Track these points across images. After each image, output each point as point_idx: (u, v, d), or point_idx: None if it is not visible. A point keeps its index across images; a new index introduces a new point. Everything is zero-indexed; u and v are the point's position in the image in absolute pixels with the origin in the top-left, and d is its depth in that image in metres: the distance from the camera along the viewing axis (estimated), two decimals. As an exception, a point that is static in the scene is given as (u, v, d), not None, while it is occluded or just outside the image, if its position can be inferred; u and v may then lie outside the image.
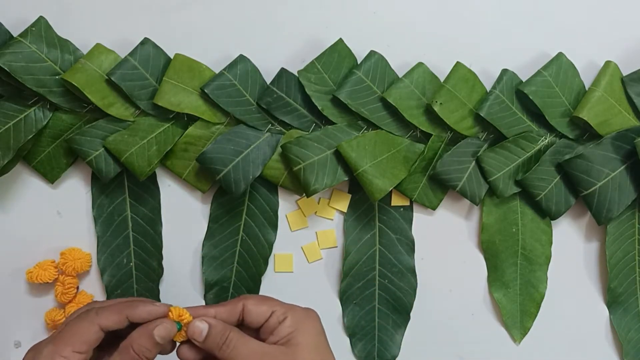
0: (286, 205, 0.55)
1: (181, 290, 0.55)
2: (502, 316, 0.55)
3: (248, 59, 0.53)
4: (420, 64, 0.53)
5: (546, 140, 0.53)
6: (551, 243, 0.55)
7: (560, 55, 0.53)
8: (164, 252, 0.55)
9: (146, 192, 0.54)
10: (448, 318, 0.56)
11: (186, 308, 0.43)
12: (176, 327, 0.42)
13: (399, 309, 0.55)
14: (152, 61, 0.52)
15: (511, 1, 0.54)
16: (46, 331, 0.55)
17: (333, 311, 0.55)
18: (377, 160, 0.51)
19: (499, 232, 0.54)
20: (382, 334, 0.55)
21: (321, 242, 0.55)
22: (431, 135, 0.53)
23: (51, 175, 0.54)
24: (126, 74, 0.51)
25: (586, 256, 0.56)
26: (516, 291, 0.55)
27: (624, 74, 0.53)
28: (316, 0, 0.54)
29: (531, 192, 0.53)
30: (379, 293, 0.55)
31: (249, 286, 0.55)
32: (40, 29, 0.51)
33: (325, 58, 0.52)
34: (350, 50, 0.53)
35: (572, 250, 0.56)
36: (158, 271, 0.55)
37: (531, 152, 0.53)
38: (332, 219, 0.55)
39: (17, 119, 0.52)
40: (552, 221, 0.55)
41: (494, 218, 0.54)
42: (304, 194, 0.53)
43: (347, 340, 0.55)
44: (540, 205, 0.53)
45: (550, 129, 0.53)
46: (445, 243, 0.55)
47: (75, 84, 0.50)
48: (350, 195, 0.55)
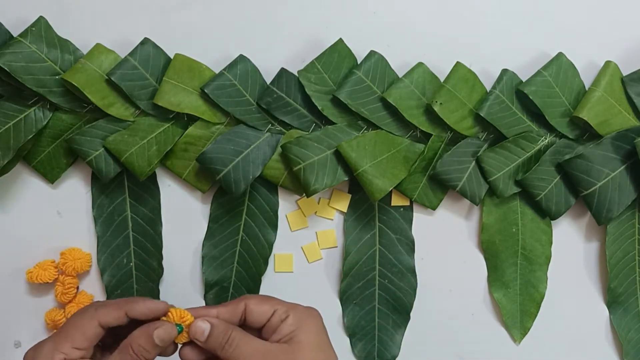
0: (286, 205, 0.55)
1: (181, 290, 0.55)
2: (502, 316, 0.55)
3: (248, 59, 0.53)
4: (420, 64, 0.53)
5: (546, 140, 0.53)
6: (551, 243, 0.55)
7: (560, 55, 0.53)
8: (164, 252, 0.55)
9: (146, 192, 0.54)
10: (448, 318, 0.56)
11: (188, 309, 0.43)
12: (176, 331, 0.42)
13: (399, 309, 0.55)
14: (152, 61, 0.52)
15: (511, 1, 0.54)
16: (46, 331, 0.55)
17: (333, 311, 0.55)
18: (377, 160, 0.51)
19: (499, 232, 0.54)
20: (382, 334, 0.55)
21: (321, 242, 0.55)
22: (431, 135, 0.53)
23: (51, 175, 0.54)
24: (126, 74, 0.51)
25: (586, 256, 0.56)
26: (516, 291, 0.55)
27: (624, 74, 0.53)
28: (316, 0, 0.54)
29: (531, 192, 0.53)
30: (379, 293, 0.55)
31: (249, 286, 0.55)
32: (40, 29, 0.51)
33: (325, 58, 0.52)
34: (350, 50, 0.53)
35: (572, 250, 0.56)
36: (158, 271, 0.55)
37: (531, 152, 0.53)
38: (332, 219, 0.55)
39: (17, 119, 0.52)
40: (552, 221, 0.55)
41: (494, 218, 0.54)
42: (304, 194, 0.53)
43: (347, 340, 0.55)
44: (540, 205, 0.53)
45: (550, 129, 0.53)
46: (445, 243, 0.55)
47: (75, 84, 0.50)
48: (350, 195, 0.55)
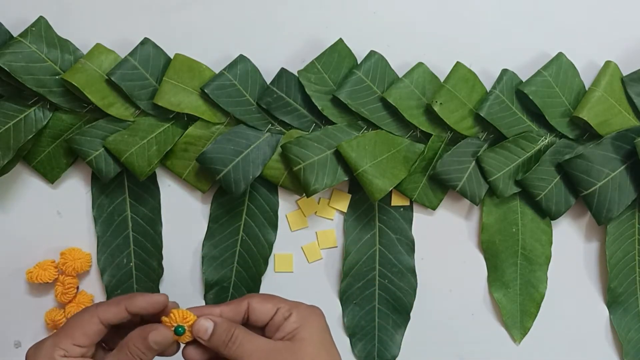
0: (286, 205, 0.55)
1: (181, 290, 0.55)
2: (502, 316, 0.55)
3: (248, 59, 0.53)
4: (420, 64, 0.53)
5: (546, 140, 0.53)
6: (551, 243, 0.55)
7: (560, 55, 0.53)
8: (164, 252, 0.55)
9: (146, 192, 0.54)
10: (448, 318, 0.56)
11: (190, 308, 0.43)
12: (173, 335, 0.41)
13: (399, 309, 0.55)
14: (152, 61, 0.52)
15: (511, 1, 0.54)
16: (46, 331, 0.55)
17: (333, 311, 0.55)
18: (377, 160, 0.51)
19: (499, 232, 0.54)
20: (382, 334, 0.55)
21: (321, 242, 0.55)
22: (431, 135, 0.53)
23: (51, 175, 0.54)
24: (126, 74, 0.51)
25: (586, 256, 0.56)
26: (516, 291, 0.55)
27: (624, 74, 0.53)
28: (316, 0, 0.54)
29: (531, 192, 0.53)
30: (379, 293, 0.55)
31: (249, 286, 0.55)
32: (40, 29, 0.51)
33: (325, 58, 0.52)
34: (350, 50, 0.53)
35: (572, 250, 0.56)
36: (158, 271, 0.55)
37: (531, 152, 0.53)
38: (332, 219, 0.55)
39: (17, 119, 0.52)
40: (552, 221, 0.55)
41: (494, 218, 0.54)
42: (304, 194, 0.53)
43: (347, 340, 0.55)
44: (540, 205, 0.53)
45: (550, 129, 0.53)
46: (445, 243, 0.55)
47: (75, 84, 0.50)
48: (350, 195, 0.55)
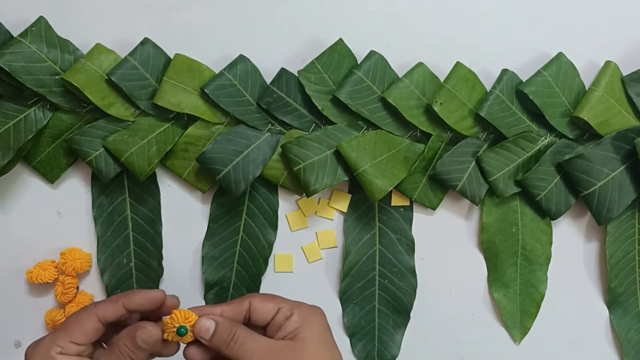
0: (286, 205, 0.55)
1: (181, 290, 0.55)
2: (502, 316, 0.55)
3: (248, 59, 0.53)
4: (420, 64, 0.53)
5: (546, 140, 0.53)
6: (551, 243, 0.55)
7: (560, 55, 0.53)
8: (164, 252, 0.55)
9: (146, 192, 0.54)
10: (448, 318, 0.56)
11: (191, 308, 0.43)
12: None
13: (399, 309, 0.55)
14: (152, 61, 0.52)
15: (511, 1, 0.54)
16: (46, 331, 0.55)
17: (333, 311, 0.55)
18: (377, 160, 0.51)
19: (499, 232, 0.54)
20: (382, 334, 0.55)
21: (321, 242, 0.55)
22: (431, 135, 0.53)
23: (51, 175, 0.54)
24: (126, 74, 0.51)
25: (586, 256, 0.56)
26: (516, 291, 0.55)
27: (624, 74, 0.53)
28: (316, 0, 0.54)
29: (531, 192, 0.53)
30: (379, 293, 0.55)
31: (249, 286, 0.55)
32: (40, 29, 0.51)
33: (325, 58, 0.52)
34: (350, 50, 0.53)
35: (572, 250, 0.56)
36: (158, 271, 0.55)
37: (531, 152, 0.53)
38: (332, 219, 0.55)
39: (17, 119, 0.52)
40: (552, 221, 0.55)
41: (494, 218, 0.54)
42: (304, 194, 0.53)
43: (347, 340, 0.55)
44: (540, 205, 0.53)
45: (550, 129, 0.53)
46: (445, 243, 0.55)
47: (75, 84, 0.50)
48: (350, 195, 0.55)
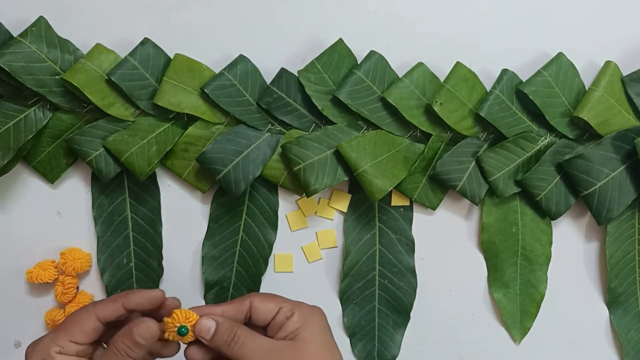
0: (286, 205, 0.55)
1: (181, 290, 0.55)
2: (502, 316, 0.55)
3: (248, 59, 0.53)
4: (420, 64, 0.53)
5: (546, 140, 0.53)
6: (551, 243, 0.55)
7: (560, 55, 0.53)
8: (164, 252, 0.55)
9: (146, 192, 0.54)
10: (448, 318, 0.56)
11: (192, 308, 0.43)
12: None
13: (399, 309, 0.55)
14: (152, 61, 0.52)
15: (511, 1, 0.54)
16: (46, 331, 0.55)
17: (333, 311, 0.55)
18: (377, 160, 0.51)
19: (499, 232, 0.54)
20: (382, 334, 0.55)
21: (321, 242, 0.55)
22: (431, 135, 0.53)
23: (51, 175, 0.54)
24: (126, 74, 0.51)
25: (586, 256, 0.56)
26: (516, 291, 0.55)
27: (624, 74, 0.53)
28: (316, 0, 0.54)
29: (531, 192, 0.53)
30: (379, 293, 0.55)
31: (249, 286, 0.55)
32: (40, 29, 0.51)
33: (325, 58, 0.52)
34: (350, 50, 0.53)
35: (572, 250, 0.56)
36: (158, 271, 0.55)
37: (531, 152, 0.53)
38: (332, 219, 0.55)
39: (17, 119, 0.52)
40: (552, 221, 0.55)
41: (494, 218, 0.54)
42: (304, 194, 0.53)
43: (347, 340, 0.55)
44: (540, 205, 0.53)
45: (550, 129, 0.53)
46: (445, 243, 0.55)
47: (75, 84, 0.50)
48: (350, 195, 0.55)
